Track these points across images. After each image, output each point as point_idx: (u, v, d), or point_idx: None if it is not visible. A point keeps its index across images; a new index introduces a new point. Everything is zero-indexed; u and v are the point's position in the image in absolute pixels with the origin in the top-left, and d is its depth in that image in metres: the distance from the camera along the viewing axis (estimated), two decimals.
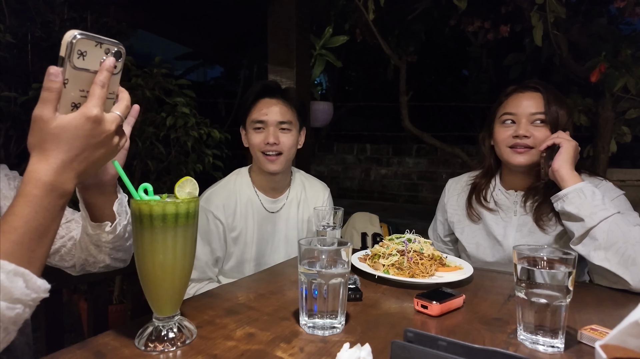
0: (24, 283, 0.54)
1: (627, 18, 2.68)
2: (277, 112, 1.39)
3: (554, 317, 0.69)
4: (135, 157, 2.57)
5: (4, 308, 0.52)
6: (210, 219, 1.38)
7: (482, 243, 1.35)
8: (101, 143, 0.61)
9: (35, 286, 0.56)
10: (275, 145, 1.38)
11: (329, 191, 1.63)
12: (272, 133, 1.37)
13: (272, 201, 1.49)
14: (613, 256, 1.02)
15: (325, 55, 2.76)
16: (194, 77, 7.74)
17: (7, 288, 0.52)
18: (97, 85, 0.59)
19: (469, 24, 3.23)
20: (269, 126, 1.38)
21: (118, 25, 3.92)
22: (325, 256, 0.75)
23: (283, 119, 1.39)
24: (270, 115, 1.38)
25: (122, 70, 0.64)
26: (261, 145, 1.38)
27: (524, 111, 1.25)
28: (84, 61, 0.59)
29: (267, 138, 1.37)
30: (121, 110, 0.64)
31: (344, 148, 7.74)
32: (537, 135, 1.23)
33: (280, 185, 1.50)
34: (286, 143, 1.40)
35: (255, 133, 1.40)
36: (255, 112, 1.40)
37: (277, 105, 1.40)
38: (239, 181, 1.48)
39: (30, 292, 0.55)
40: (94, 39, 0.59)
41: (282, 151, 1.39)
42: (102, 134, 0.61)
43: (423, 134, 3.79)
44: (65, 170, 0.58)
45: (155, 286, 0.69)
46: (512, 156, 1.26)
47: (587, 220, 1.06)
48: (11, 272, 0.53)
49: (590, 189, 1.09)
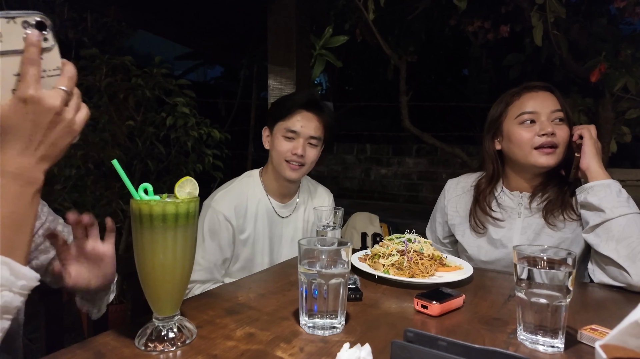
0: (8, 271, 0.54)
1: (627, 18, 2.68)
2: (311, 127, 1.42)
3: (554, 317, 0.69)
4: (135, 157, 2.57)
5: None
6: (220, 220, 1.39)
7: (484, 246, 1.33)
8: (52, 122, 0.57)
9: (21, 273, 0.56)
10: (302, 157, 1.41)
11: (332, 197, 1.68)
12: (301, 145, 1.40)
13: (283, 206, 1.52)
14: (623, 249, 1.03)
15: (325, 55, 2.76)
16: (194, 77, 7.75)
17: None
18: (26, 64, 0.55)
19: (469, 24, 3.23)
20: (300, 137, 1.41)
21: (118, 25, 3.92)
22: (325, 256, 0.75)
23: (315, 135, 1.43)
24: (305, 128, 1.41)
25: (56, 42, 0.57)
26: (288, 154, 1.41)
27: (545, 109, 1.22)
28: (2, 43, 0.54)
29: (295, 149, 1.40)
30: (64, 84, 0.59)
31: (344, 148, 7.74)
32: (559, 133, 1.21)
33: (291, 191, 1.54)
34: (311, 156, 1.44)
35: (285, 141, 1.42)
36: (291, 121, 1.41)
37: (313, 120, 1.43)
38: (251, 183, 1.50)
39: (16, 279, 0.55)
40: (1, 16, 0.53)
41: (305, 163, 1.43)
42: (48, 113, 0.57)
43: (423, 134, 3.79)
44: (24, 157, 0.57)
45: (155, 286, 0.69)
46: (539, 157, 1.21)
47: (607, 212, 1.07)
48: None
49: (617, 187, 1.11)
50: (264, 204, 1.48)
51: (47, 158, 0.59)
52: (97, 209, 2.53)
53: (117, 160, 0.73)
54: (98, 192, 2.59)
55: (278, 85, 2.29)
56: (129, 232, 2.51)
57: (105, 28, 3.79)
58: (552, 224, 1.23)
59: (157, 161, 2.64)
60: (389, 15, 3.52)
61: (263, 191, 1.49)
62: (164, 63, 2.56)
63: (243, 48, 3.90)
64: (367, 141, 7.64)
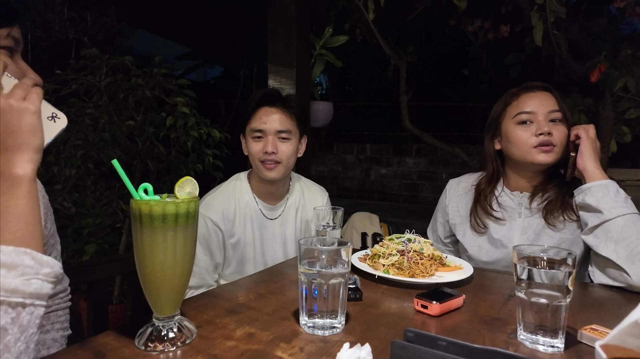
0: (31, 259, 0.56)
1: (627, 18, 2.68)
2: (276, 121, 1.37)
3: (554, 317, 0.69)
4: (135, 157, 2.57)
5: (20, 284, 0.54)
6: (209, 225, 1.38)
7: (484, 246, 1.33)
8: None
9: (43, 261, 0.58)
10: (274, 154, 1.37)
11: (327, 196, 1.63)
12: (270, 142, 1.36)
13: (271, 208, 1.49)
14: (622, 250, 1.03)
15: (325, 55, 2.76)
16: (194, 76, 7.75)
17: (14, 263, 0.55)
18: None
19: (469, 23, 3.23)
20: (267, 135, 1.37)
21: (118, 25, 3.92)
22: (325, 256, 0.75)
23: (282, 128, 1.38)
24: (269, 124, 1.37)
25: None
26: (260, 154, 1.37)
27: (542, 109, 1.23)
28: None
29: (265, 147, 1.36)
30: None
31: (344, 148, 7.74)
32: (556, 133, 1.21)
33: (279, 192, 1.50)
34: (285, 152, 1.39)
35: (254, 142, 1.39)
36: (255, 121, 1.39)
37: (276, 113, 1.38)
38: (238, 187, 1.47)
39: (40, 267, 0.57)
40: None
41: (280, 160, 1.38)
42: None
43: (423, 134, 3.79)
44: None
45: (155, 286, 0.69)
46: (537, 155, 1.22)
47: (605, 213, 1.07)
48: (12, 252, 0.55)
49: (615, 187, 1.11)
50: (251, 207, 1.45)
51: (14, 148, 0.60)
52: (97, 209, 2.53)
53: (117, 160, 0.73)
54: (98, 192, 2.59)
55: (278, 85, 2.29)
56: (129, 232, 2.51)
57: (105, 28, 3.79)
58: (552, 224, 1.23)
59: (157, 161, 2.64)
60: (389, 15, 3.51)
61: (250, 194, 1.46)
62: (164, 63, 2.56)
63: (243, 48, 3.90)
64: (367, 141, 7.64)
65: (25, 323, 0.55)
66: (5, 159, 0.59)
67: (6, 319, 0.52)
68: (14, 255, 0.55)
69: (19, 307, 0.54)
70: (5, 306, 0.53)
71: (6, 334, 0.52)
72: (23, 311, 0.54)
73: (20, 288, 0.54)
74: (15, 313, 0.53)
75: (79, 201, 2.53)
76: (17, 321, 0.53)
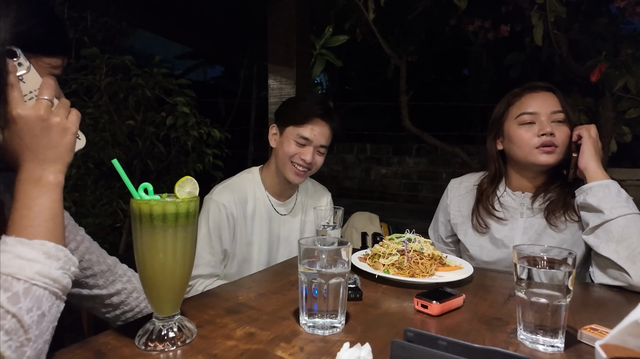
0: (66, 256, 0.63)
1: (628, 18, 2.68)
2: (324, 136, 1.44)
3: (554, 317, 0.69)
4: (136, 157, 2.57)
5: (59, 275, 0.60)
6: (222, 211, 1.39)
7: (485, 246, 1.33)
8: (43, 129, 0.65)
9: (73, 260, 0.64)
10: (309, 164, 1.43)
11: (330, 196, 1.68)
12: (311, 152, 1.42)
13: (281, 205, 1.53)
14: (623, 250, 1.02)
15: (326, 54, 2.75)
16: (194, 76, 7.75)
17: (57, 256, 0.61)
18: (8, 89, 0.63)
19: (469, 23, 3.23)
20: (311, 145, 1.42)
21: (118, 25, 3.92)
22: (325, 255, 0.75)
23: (325, 144, 1.45)
24: (318, 137, 1.42)
25: (30, 63, 0.65)
26: (296, 157, 1.42)
27: (544, 110, 1.23)
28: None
29: (304, 155, 1.41)
30: (44, 94, 0.66)
31: (344, 148, 7.74)
32: (559, 134, 1.21)
33: (290, 190, 1.55)
34: (317, 164, 1.47)
35: (295, 145, 1.43)
36: (306, 129, 1.41)
37: (326, 129, 1.44)
38: (251, 180, 1.51)
39: (71, 264, 0.63)
40: None
41: (311, 169, 1.46)
42: (37, 122, 0.64)
43: (423, 134, 3.79)
44: (32, 164, 0.65)
45: (155, 285, 0.69)
46: (539, 156, 1.22)
47: (606, 213, 1.07)
48: (53, 247, 0.61)
49: (616, 187, 1.10)
50: (262, 201, 1.48)
51: (51, 160, 0.66)
52: (97, 209, 2.53)
53: (117, 160, 0.73)
54: (98, 192, 2.59)
55: (278, 84, 2.29)
56: (129, 232, 2.51)
57: (106, 27, 3.79)
58: (553, 225, 1.23)
59: (157, 160, 2.65)
60: (389, 15, 3.51)
61: (262, 189, 1.50)
62: (164, 62, 2.57)
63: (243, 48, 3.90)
64: (367, 141, 7.64)
65: (55, 313, 0.59)
66: (41, 168, 0.65)
67: (45, 307, 0.57)
68: (54, 250, 0.61)
69: (54, 297, 0.59)
70: (48, 294, 0.58)
71: (43, 320, 0.57)
72: (56, 302, 0.60)
73: (60, 280, 0.60)
74: (51, 302, 0.58)
75: (79, 201, 2.53)
76: (51, 310, 0.58)
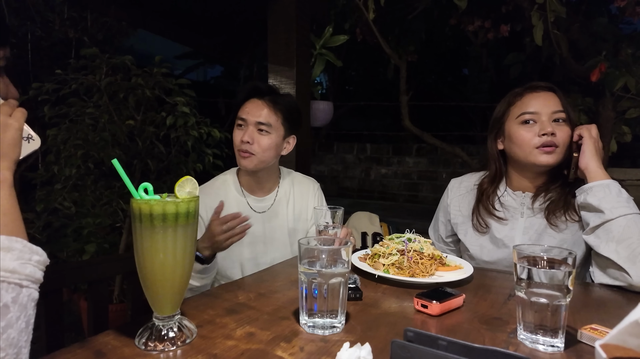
0: (23, 246, 0.62)
1: (628, 17, 2.68)
2: (258, 113, 1.39)
3: (554, 316, 0.69)
4: (136, 157, 2.57)
5: (17, 266, 0.60)
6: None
7: (486, 246, 1.33)
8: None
9: (33, 249, 0.63)
10: (249, 144, 1.38)
11: (318, 185, 1.63)
12: (248, 132, 1.39)
13: (259, 201, 1.49)
14: (623, 250, 1.02)
15: (326, 54, 2.75)
16: (194, 76, 7.74)
17: (11, 247, 0.60)
18: None
19: (469, 23, 3.23)
20: (248, 125, 1.40)
21: (118, 25, 3.91)
22: (325, 255, 0.75)
23: (262, 121, 1.39)
24: (251, 115, 1.40)
25: None
26: (238, 143, 1.41)
27: (546, 110, 1.22)
28: None
29: (243, 136, 1.39)
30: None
31: (344, 148, 7.74)
32: (560, 134, 1.21)
33: (265, 184, 1.51)
34: (261, 144, 1.39)
35: (237, 131, 1.42)
36: (241, 110, 1.42)
37: (262, 106, 1.41)
38: (227, 181, 1.50)
39: (31, 253, 0.62)
40: None
41: (254, 152, 1.39)
42: None
43: (423, 134, 3.79)
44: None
45: (155, 285, 0.69)
46: (539, 156, 1.22)
47: (606, 213, 1.06)
48: (6, 239, 0.61)
49: (617, 187, 1.10)
50: (238, 200, 1.46)
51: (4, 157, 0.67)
52: (97, 209, 2.53)
53: (117, 160, 0.73)
54: (98, 192, 2.59)
55: (278, 84, 2.29)
56: (129, 232, 2.51)
57: (106, 27, 3.78)
58: (554, 224, 1.23)
59: (157, 160, 2.64)
60: (389, 15, 3.51)
61: (239, 187, 1.49)
62: (164, 62, 2.56)
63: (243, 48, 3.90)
64: (367, 141, 7.64)
65: (24, 302, 0.60)
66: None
67: (7, 298, 0.57)
68: (8, 241, 0.60)
69: (18, 287, 0.59)
70: (6, 285, 0.58)
71: (8, 311, 0.57)
72: (22, 292, 0.60)
73: (18, 270, 0.60)
74: (15, 293, 0.59)
75: (79, 200, 2.53)
76: (17, 300, 0.58)
